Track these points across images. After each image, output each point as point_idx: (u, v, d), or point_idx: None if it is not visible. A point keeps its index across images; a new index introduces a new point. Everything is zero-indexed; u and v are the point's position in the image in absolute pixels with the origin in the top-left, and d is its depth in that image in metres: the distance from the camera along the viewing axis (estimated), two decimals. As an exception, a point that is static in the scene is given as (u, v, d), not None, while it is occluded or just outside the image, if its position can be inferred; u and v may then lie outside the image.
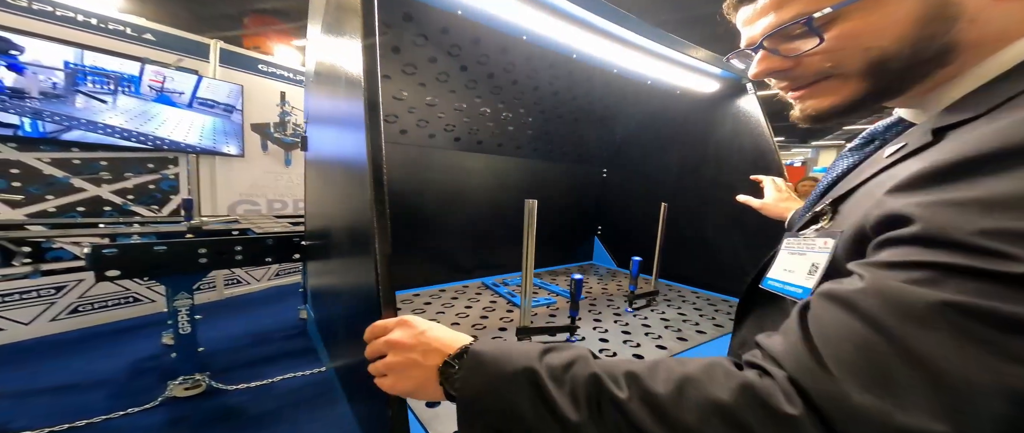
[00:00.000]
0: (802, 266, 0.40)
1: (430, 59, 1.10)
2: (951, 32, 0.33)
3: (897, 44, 0.35)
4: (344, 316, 0.81)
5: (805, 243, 0.40)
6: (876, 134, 0.45)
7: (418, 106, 1.21)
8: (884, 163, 0.36)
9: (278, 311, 2.89)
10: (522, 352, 0.37)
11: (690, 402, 0.30)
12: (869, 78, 0.37)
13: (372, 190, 0.49)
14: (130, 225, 1.86)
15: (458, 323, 1.05)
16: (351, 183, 0.57)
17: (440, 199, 1.39)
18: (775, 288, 0.43)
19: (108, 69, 2.28)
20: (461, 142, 1.38)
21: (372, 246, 0.49)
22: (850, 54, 0.37)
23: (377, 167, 0.50)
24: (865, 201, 0.34)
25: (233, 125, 2.91)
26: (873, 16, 0.35)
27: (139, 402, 1.67)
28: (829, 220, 0.40)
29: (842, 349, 0.27)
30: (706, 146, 1.38)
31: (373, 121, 0.50)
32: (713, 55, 1.10)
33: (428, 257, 1.39)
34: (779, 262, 0.44)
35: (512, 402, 0.35)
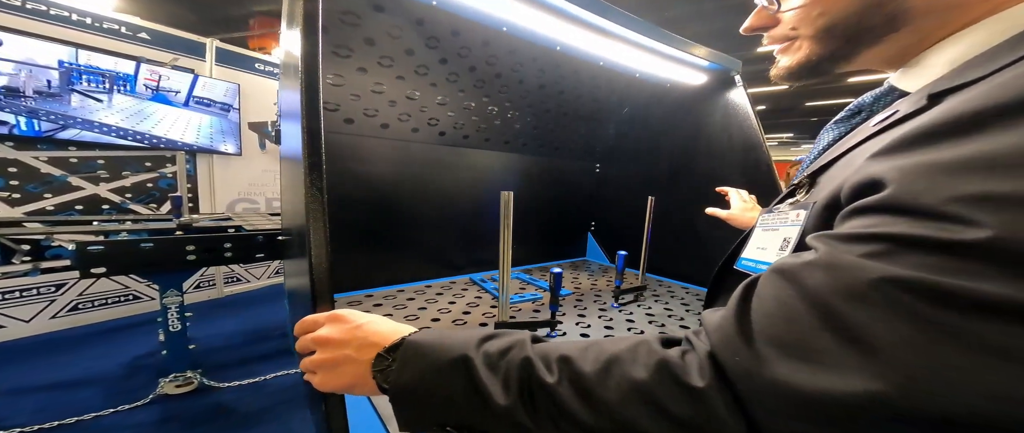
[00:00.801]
0: (774, 242, 0.38)
1: (407, 52, 1.08)
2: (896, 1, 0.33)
3: (843, 11, 0.36)
4: (291, 316, 0.81)
5: (778, 217, 0.39)
6: (863, 105, 0.43)
7: (399, 100, 1.19)
8: (870, 131, 0.33)
9: (276, 309, 2.91)
10: (460, 340, 0.36)
11: (613, 381, 0.30)
12: (819, 42, 0.39)
13: (306, 175, 0.47)
14: (122, 223, 1.87)
15: (439, 318, 1.04)
16: (295, 173, 0.55)
17: (426, 195, 1.37)
18: (747, 268, 0.41)
19: (103, 68, 2.29)
20: (446, 137, 1.36)
21: (306, 237, 0.47)
22: (804, 19, 0.39)
23: (313, 151, 0.48)
24: (844, 170, 0.31)
25: (230, 124, 2.93)
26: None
27: (131, 399, 1.68)
28: (805, 192, 0.38)
29: (771, 323, 0.25)
30: (697, 139, 1.34)
31: (311, 99, 0.48)
32: (701, 46, 1.07)
33: (415, 254, 1.37)
34: (753, 240, 0.43)
35: (446, 391, 0.34)
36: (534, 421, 0.31)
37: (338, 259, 0.50)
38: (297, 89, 0.50)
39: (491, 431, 0.33)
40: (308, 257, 0.47)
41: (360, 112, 1.17)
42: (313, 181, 0.48)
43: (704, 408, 0.26)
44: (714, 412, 0.26)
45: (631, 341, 0.32)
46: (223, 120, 2.89)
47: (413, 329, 0.42)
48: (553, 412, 0.30)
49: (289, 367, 2.02)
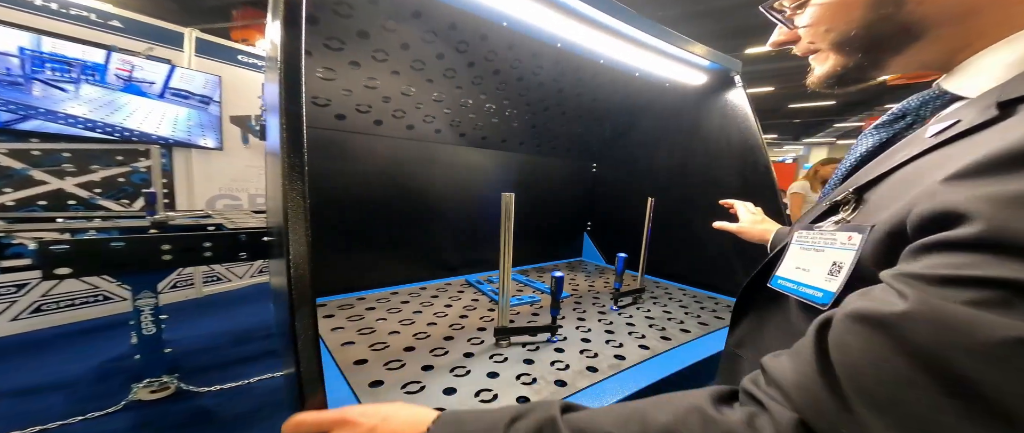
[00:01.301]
0: (820, 264, 0.35)
1: (403, 45, 1.04)
2: (902, 12, 0.34)
3: (850, 25, 0.37)
4: (276, 321, 0.77)
5: (823, 237, 0.36)
6: (909, 110, 0.40)
7: (393, 95, 1.15)
8: (928, 144, 0.30)
9: (260, 309, 2.80)
10: (489, 423, 0.35)
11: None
12: (840, 54, 0.40)
13: (284, 175, 0.44)
14: (90, 220, 1.76)
15: (436, 323, 1.01)
16: (275, 172, 0.51)
17: (420, 194, 1.33)
18: (786, 289, 0.38)
19: (70, 56, 2.15)
20: (442, 134, 1.32)
21: (284, 240, 0.44)
22: (818, 34, 0.40)
23: (293, 144, 0.45)
24: (903, 189, 0.29)
25: (210, 117, 2.80)
26: (830, 1, 0.38)
27: (102, 406, 1.58)
28: (852, 210, 0.35)
29: (875, 386, 0.21)
30: (695, 140, 1.35)
31: (292, 93, 0.45)
32: (702, 46, 1.06)
33: (408, 255, 1.33)
34: (790, 258, 0.40)
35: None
36: None
37: (327, 260, 0.48)
38: (273, 80, 0.47)
39: None
40: (285, 262, 0.44)
41: (352, 108, 1.12)
42: (293, 182, 0.45)
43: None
44: None
45: (681, 406, 0.29)
46: (202, 113, 2.76)
47: (433, 413, 0.40)
48: None
49: (275, 370, 1.94)
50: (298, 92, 0.46)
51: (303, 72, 0.46)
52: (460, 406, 0.66)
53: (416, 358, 0.82)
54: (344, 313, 1.04)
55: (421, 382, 0.73)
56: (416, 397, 0.68)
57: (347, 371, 0.77)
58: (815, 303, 0.33)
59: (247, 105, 3.13)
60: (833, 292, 0.32)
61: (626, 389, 0.72)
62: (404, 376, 0.75)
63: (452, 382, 0.74)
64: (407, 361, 0.81)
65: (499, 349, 0.87)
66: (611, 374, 0.77)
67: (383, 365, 0.79)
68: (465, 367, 0.79)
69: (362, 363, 0.80)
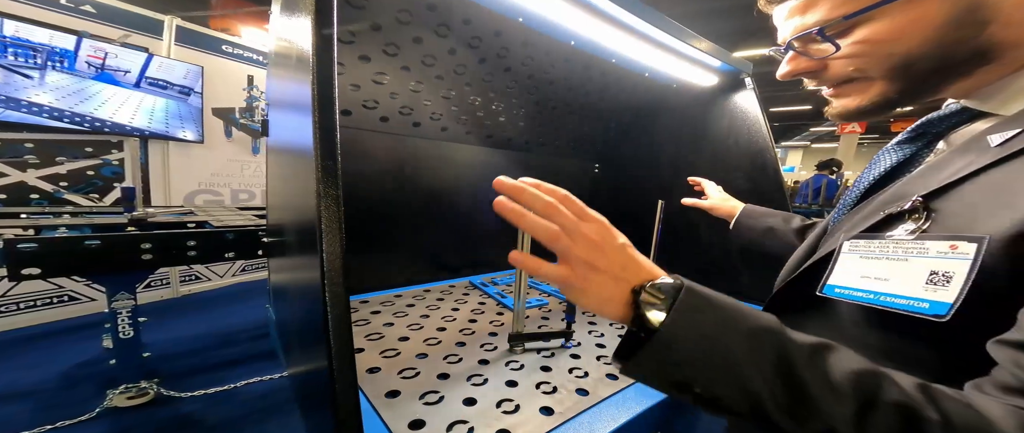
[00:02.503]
0: (908, 274, 0.33)
1: (415, 40, 1.00)
2: (983, 34, 0.33)
3: (922, 47, 0.35)
4: (294, 320, 0.73)
5: (901, 246, 0.34)
6: (931, 126, 0.42)
7: (401, 92, 1.11)
8: (996, 155, 0.31)
9: (244, 309, 2.68)
10: (751, 310, 0.33)
11: None
12: (894, 80, 0.37)
13: (319, 176, 0.42)
14: (59, 216, 1.63)
15: (445, 327, 0.98)
16: (300, 172, 0.49)
17: (425, 193, 1.29)
18: (854, 298, 0.36)
19: (35, 41, 1.99)
20: (448, 132, 1.28)
21: (318, 244, 0.43)
22: (873, 59, 0.37)
23: (327, 153, 0.43)
24: (995, 196, 0.30)
25: (190, 108, 2.66)
26: (896, 20, 0.35)
27: (73, 414, 1.48)
28: (924, 220, 0.34)
29: None
30: (702, 142, 1.35)
31: (324, 99, 0.43)
32: (715, 46, 1.06)
33: (411, 255, 1.29)
34: (846, 267, 0.38)
35: (734, 357, 0.30)
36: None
37: None
38: (306, 79, 0.44)
39: (765, 421, 0.29)
40: (321, 273, 0.42)
41: (359, 104, 1.08)
42: (326, 188, 0.43)
43: None
44: None
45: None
46: (182, 104, 2.62)
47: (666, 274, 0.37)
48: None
49: (264, 373, 1.86)
50: (331, 95, 0.44)
51: (336, 71, 0.44)
52: (482, 417, 0.64)
53: (430, 366, 0.79)
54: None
55: (439, 391, 0.70)
56: (435, 408, 0.66)
57: (361, 380, 0.73)
58: (920, 313, 0.31)
59: (231, 97, 2.99)
60: (948, 302, 0.30)
61: (648, 399, 0.71)
62: (420, 385, 0.72)
63: (470, 391, 0.71)
64: (421, 369, 0.78)
65: (514, 355, 0.85)
66: (632, 382, 0.76)
67: (397, 373, 0.76)
68: (482, 375, 0.77)
69: (375, 371, 0.76)
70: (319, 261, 0.42)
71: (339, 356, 0.43)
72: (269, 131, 0.96)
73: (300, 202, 0.52)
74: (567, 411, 0.66)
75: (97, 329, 1.60)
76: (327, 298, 0.42)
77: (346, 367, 0.43)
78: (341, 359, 0.43)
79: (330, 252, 0.43)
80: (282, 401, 1.73)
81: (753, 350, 0.30)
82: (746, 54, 6.35)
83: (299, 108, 0.49)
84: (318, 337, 0.44)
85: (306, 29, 0.44)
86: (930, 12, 0.34)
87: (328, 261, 0.43)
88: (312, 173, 0.42)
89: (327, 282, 0.42)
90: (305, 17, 0.45)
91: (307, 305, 0.54)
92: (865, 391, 0.27)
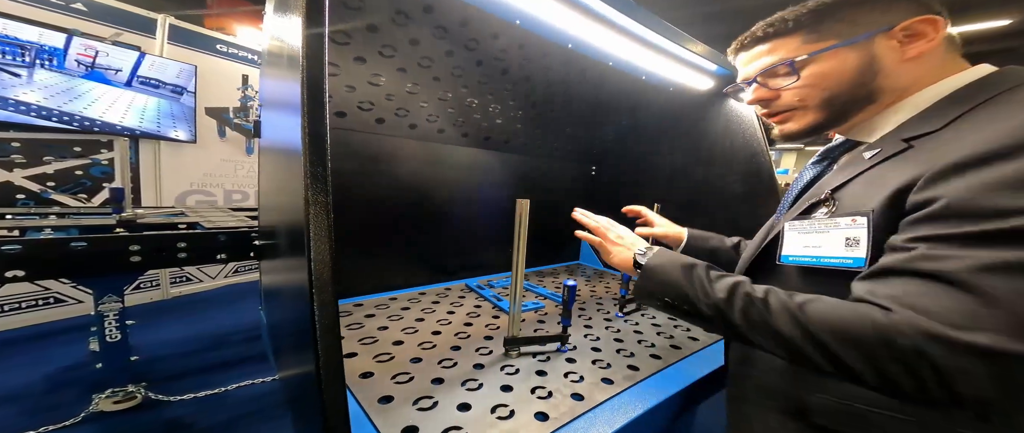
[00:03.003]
0: (831, 242, 0.49)
1: (412, 41, 0.99)
2: (875, 81, 0.51)
3: (841, 87, 0.52)
4: (283, 326, 0.72)
5: (822, 224, 0.50)
6: (830, 152, 0.61)
7: (397, 93, 1.10)
8: (867, 163, 0.49)
9: (236, 311, 2.64)
10: (687, 257, 0.59)
11: (825, 311, 0.42)
12: (823, 110, 0.55)
13: (308, 183, 0.42)
14: (45, 217, 1.60)
15: (440, 331, 0.97)
16: (290, 176, 0.48)
17: (421, 195, 1.28)
18: (802, 262, 0.52)
19: (23, 38, 1.96)
20: (445, 134, 1.28)
21: (307, 251, 0.42)
22: (813, 92, 0.54)
23: (316, 158, 0.42)
24: (868, 187, 0.47)
25: (183, 108, 2.62)
26: (828, 66, 0.52)
27: (58, 418, 1.44)
28: (833, 205, 0.50)
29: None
30: (698, 146, 1.36)
31: (314, 101, 0.42)
32: (710, 50, 1.07)
33: (408, 257, 1.28)
34: (791, 241, 0.54)
35: (674, 276, 0.56)
36: (736, 317, 0.48)
37: None
38: (296, 80, 0.43)
39: (697, 311, 0.53)
40: (309, 280, 0.41)
41: (354, 105, 1.07)
42: (315, 195, 0.42)
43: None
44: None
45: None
46: (174, 104, 2.59)
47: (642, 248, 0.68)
48: (755, 316, 0.46)
49: (256, 376, 1.83)
50: (322, 97, 0.43)
51: (326, 72, 0.43)
52: (476, 424, 0.63)
53: (425, 370, 0.78)
54: (342, 321, 0.98)
55: (433, 397, 0.70)
56: (429, 414, 0.65)
57: (353, 385, 0.72)
58: (846, 267, 0.47)
59: (225, 97, 2.95)
60: (862, 257, 0.45)
61: (644, 403, 0.71)
62: (414, 391, 0.71)
63: (465, 397, 0.70)
64: (415, 374, 0.77)
65: (509, 360, 0.84)
66: (627, 386, 0.76)
67: (391, 379, 0.75)
68: (477, 380, 0.76)
69: (368, 376, 0.75)
70: (307, 268, 0.41)
71: (327, 366, 0.42)
72: (261, 132, 0.95)
73: (289, 207, 0.52)
74: (562, 416, 0.65)
75: (84, 332, 1.57)
76: (315, 308, 0.42)
77: (334, 377, 0.42)
78: (329, 370, 0.42)
79: (318, 259, 0.42)
80: (273, 405, 1.70)
81: (685, 273, 0.55)
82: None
83: (289, 110, 0.48)
84: (306, 346, 0.44)
85: (297, 28, 0.43)
86: (848, 61, 0.51)
87: (316, 269, 0.42)
88: (301, 179, 0.42)
89: (315, 291, 0.42)
90: (296, 16, 0.44)
91: (296, 313, 0.53)
92: (732, 287, 0.50)
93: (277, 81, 0.62)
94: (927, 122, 0.46)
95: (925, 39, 0.48)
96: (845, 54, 0.51)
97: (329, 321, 0.43)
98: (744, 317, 0.47)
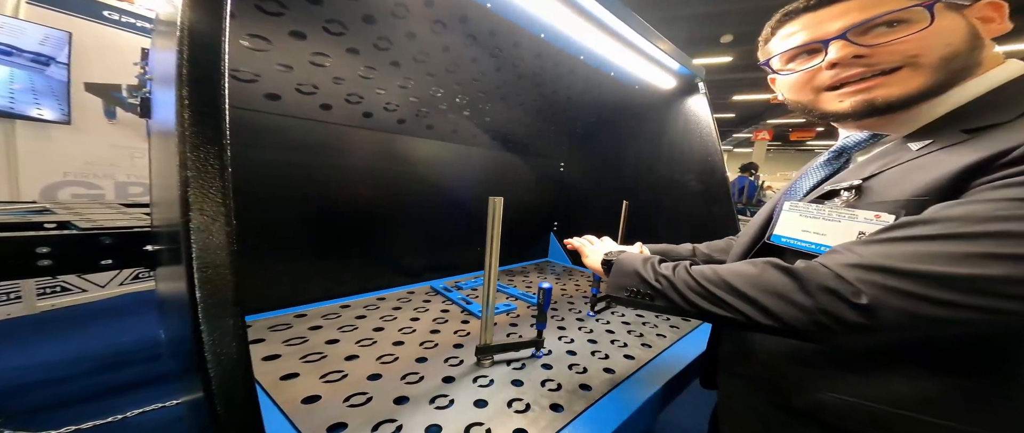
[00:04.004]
0: (841, 231, 0.47)
1: (366, 18, 0.87)
2: (981, 51, 0.45)
3: (962, 46, 0.45)
4: (176, 339, 0.61)
5: (835, 212, 0.48)
6: (847, 148, 0.56)
7: (348, 77, 0.97)
8: (914, 154, 0.45)
9: (137, 324, 2.19)
10: (646, 254, 0.63)
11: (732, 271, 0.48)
12: (939, 71, 0.45)
13: (185, 164, 0.34)
14: None
15: (402, 341, 0.87)
16: (168, 158, 0.40)
17: (379, 190, 1.16)
18: (795, 245, 0.51)
19: None
20: (406, 125, 1.16)
21: (187, 258, 0.34)
22: (934, 46, 0.45)
23: (204, 130, 0.35)
24: (912, 174, 0.43)
25: (51, 82, 2.11)
26: (947, 20, 0.45)
27: None
28: (856, 196, 0.47)
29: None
30: (660, 143, 1.41)
31: (198, 59, 0.35)
32: (675, 49, 1.10)
33: (362, 259, 1.15)
34: (789, 222, 0.52)
35: (640, 270, 0.58)
36: (679, 285, 0.51)
37: (247, 270, 0.38)
38: (173, 35, 0.35)
39: (653, 290, 0.55)
40: (191, 296, 0.34)
41: (292, 87, 0.91)
42: (201, 181, 0.34)
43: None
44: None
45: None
46: (37, 76, 2.07)
47: (612, 251, 0.74)
48: (689, 280, 0.51)
49: (160, 400, 1.52)
50: (215, 59, 0.35)
51: (225, 28, 0.35)
52: (449, 446, 0.56)
53: (385, 388, 0.69)
54: (278, 336, 0.84)
55: (396, 420, 0.61)
56: (394, 443, 0.56)
57: (293, 413, 0.60)
58: None
59: (117, 72, 2.43)
60: None
61: (624, 410, 0.69)
62: (373, 414, 0.62)
63: (434, 417, 0.63)
64: (374, 393, 0.67)
65: (482, 369, 0.78)
66: (606, 391, 0.74)
67: (343, 401, 0.64)
68: (447, 396, 0.68)
69: (313, 401, 0.64)
70: (187, 274, 0.33)
71: (225, 397, 0.34)
72: (152, 112, 0.77)
73: (168, 200, 0.41)
74: (542, 431, 0.61)
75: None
76: (203, 333, 0.33)
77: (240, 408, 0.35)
78: (229, 401, 0.35)
79: (205, 261, 0.34)
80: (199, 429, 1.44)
81: (644, 266, 0.58)
82: (696, 62, 6.99)
83: (171, 80, 0.38)
84: (195, 373, 0.36)
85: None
86: (959, 23, 0.45)
87: (201, 278, 0.34)
88: (177, 164, 0.33)
89: (202, 300, 0.33)
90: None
91: (180, 332, 0.44)
92: (676, 270, 0.53)
93: (164, 49, 0.49)
94: (993, 112, 0.41)
95: (994, 23, 0.46)
96: (953, 16, 0.45)
97: (223, 337, 0.35)
98: (685, 285, 0.51)
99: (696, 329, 1.06)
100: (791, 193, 0.59)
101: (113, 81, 2.43)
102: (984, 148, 0.38)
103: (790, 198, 0.57)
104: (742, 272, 0.46)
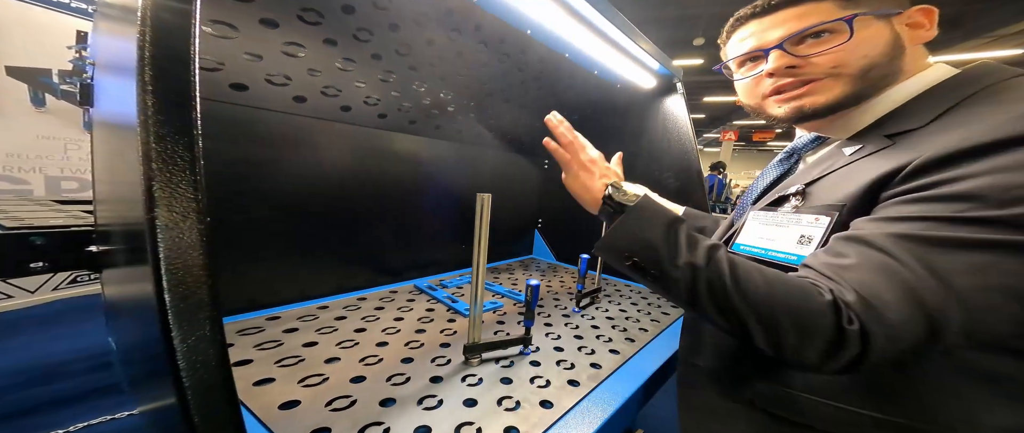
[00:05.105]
0: (786, 236, 0.49)
1: (345, 8, 0.84)
2: (901, 59, 0.48)
3: (881, 57, 0.48)
4: (134, 346, 0.57)
5: (785, 217, 0.51)
6: (796, 149, 0.60)
7: (325, 69, 0.92)
8: (847, 159, 0.48)
9: (75, 332, 2.01)
10: (664, 213, 0.53)
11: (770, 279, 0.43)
12: (859, 80, 0.49)
13: (151, 155, 0.31)
14: None
15: (387, 342, 0.84)
16: (124, 151, 0.38)
17: (359, 187, 1.11)
18: (751, 252, 0.52)
19: None
20: (388, 120, 1.12)
21: (154, 260, 0.32)
22: (854, 57, 0.48)
23: (171, 119, 0.32)
24: (841, 183, 0.46)
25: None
26: (869, 33, 0.48)
27: None
28: (801, 200, 0.50)
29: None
30: (640, 142, 1.43)
31: (163, 37, 0.32)
32: (656, 48, 1.13)
33: (342, 258, 1.10)
34: (749, 231, 0.54)
35: (650, 234, 0.50)
36: (702, 277, 0.44)
37: (221, 270, 0.36)
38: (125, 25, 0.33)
39: (665, 275, 0.47)
40: (154, 286, 0.31)
41: (261, 78, 0.86)
42: (166, 172, 0.31)
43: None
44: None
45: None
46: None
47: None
48: (714, 277, 0.44)
49: (112, 411, 1.41)
50: (188, 34, 0.32)
51: (196, 11, 0.32)
52: (439, 447, 0.55)
53: (370, 391, 0.67)
54: (248, 340, 0.79)
55: (383, 423, 0.59)
56: (382, 447, 0.55)
57: (271, 420, 0.57)
58: (791, 264, 0.47)
59: (45, 56, 2.21)
60: (804, 256, 0.46)
61: (611, 404, 0.70)
62: (358, 417, 0.59)
63: (423, 418, 0.61)
64: (358, 396, 0.65)
65: (470, 368, 0.77)
66: (593, 387, 0.75)
67: (325, 406, 0.62)
68: (435, 396, 0.67)
69: (292, 406, 0.61)
70: (154, 278, 0.31)
71: (207, 411, 0.32)
72: (94, 99, 0.71)
73: (129, 196, 0.38)
74: (533, 429, 0.61)
75: None
76: (175, 338, 0.31)
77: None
78: (208, 418, 0.32)
79: (175, 262, 0.31)
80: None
81: (666, 237, 0.49)
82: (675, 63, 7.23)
83: (120, 68, 0.35)
84: (162, 382, 0.34)
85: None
86: (882, 33, 0.48)
87: (170, 280, 0.31)
88: (140, 155, 0.31)
89: (172, 312, 0.31)
90: None
91: (145, 339, 0.41)
92: (703, 244, 0.47)
93: (114, 29, 0.45)
94: (910, 119, 0.45)
95: (923, 29, 0.48)
96: (878, 25, 0.48)
97: (199, 343, 0.32)
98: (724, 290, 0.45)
99: (676, 323, 1.10)
100: (751, 192, 0.63)
101: (42, 66, 2.22)
102: (897, 157, 0.41)
103: (750, 195, 0.62)
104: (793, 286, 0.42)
